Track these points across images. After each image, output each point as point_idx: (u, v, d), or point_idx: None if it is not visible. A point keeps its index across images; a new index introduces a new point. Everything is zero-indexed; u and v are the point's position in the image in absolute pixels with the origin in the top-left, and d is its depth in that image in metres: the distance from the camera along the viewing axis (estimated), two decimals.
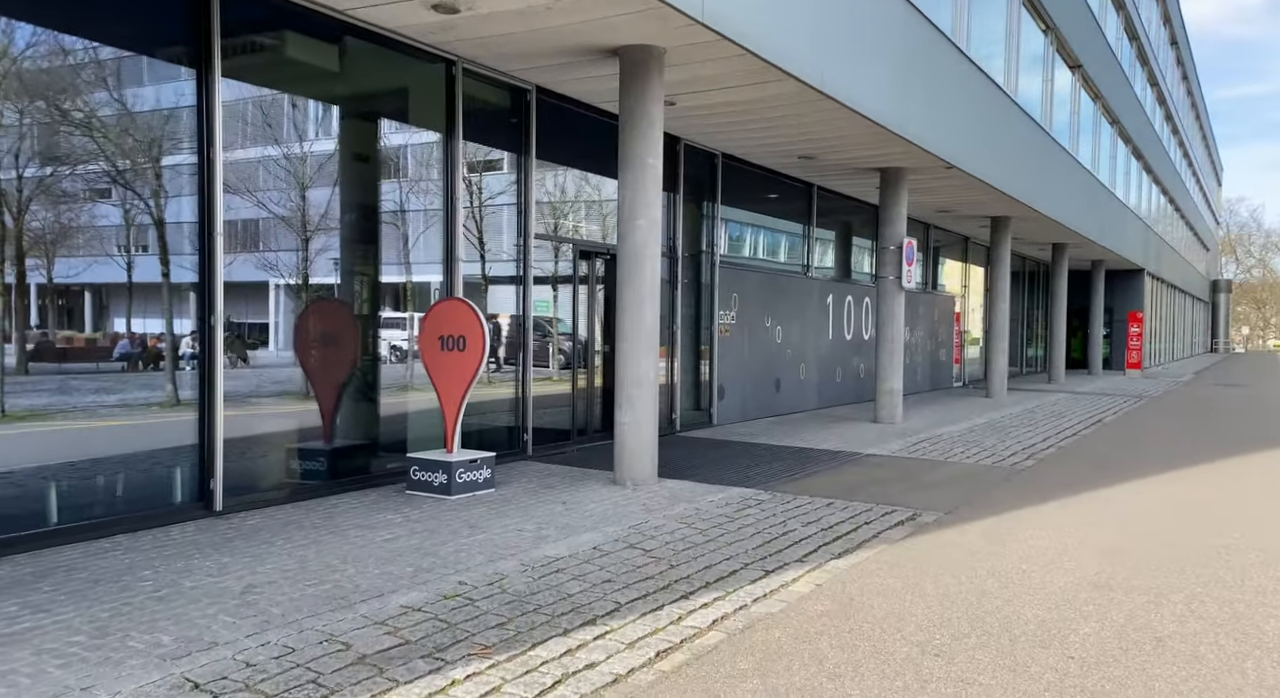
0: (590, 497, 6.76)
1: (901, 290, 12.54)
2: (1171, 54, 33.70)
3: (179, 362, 5.90)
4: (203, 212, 5.83)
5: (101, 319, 5.72)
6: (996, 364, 17.66)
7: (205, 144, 5.81)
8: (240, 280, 6.37)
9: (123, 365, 5.78)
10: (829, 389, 14.74)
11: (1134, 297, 29.32)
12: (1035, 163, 16.33)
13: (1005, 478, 8.16)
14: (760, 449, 9.69)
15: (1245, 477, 8.48)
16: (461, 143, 7.63)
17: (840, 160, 11.85)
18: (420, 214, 7.65)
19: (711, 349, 11.56)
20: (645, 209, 7.20)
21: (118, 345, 5.78)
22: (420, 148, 7.72)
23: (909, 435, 11.05)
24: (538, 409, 8.84)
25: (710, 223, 11.56)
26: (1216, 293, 55.91)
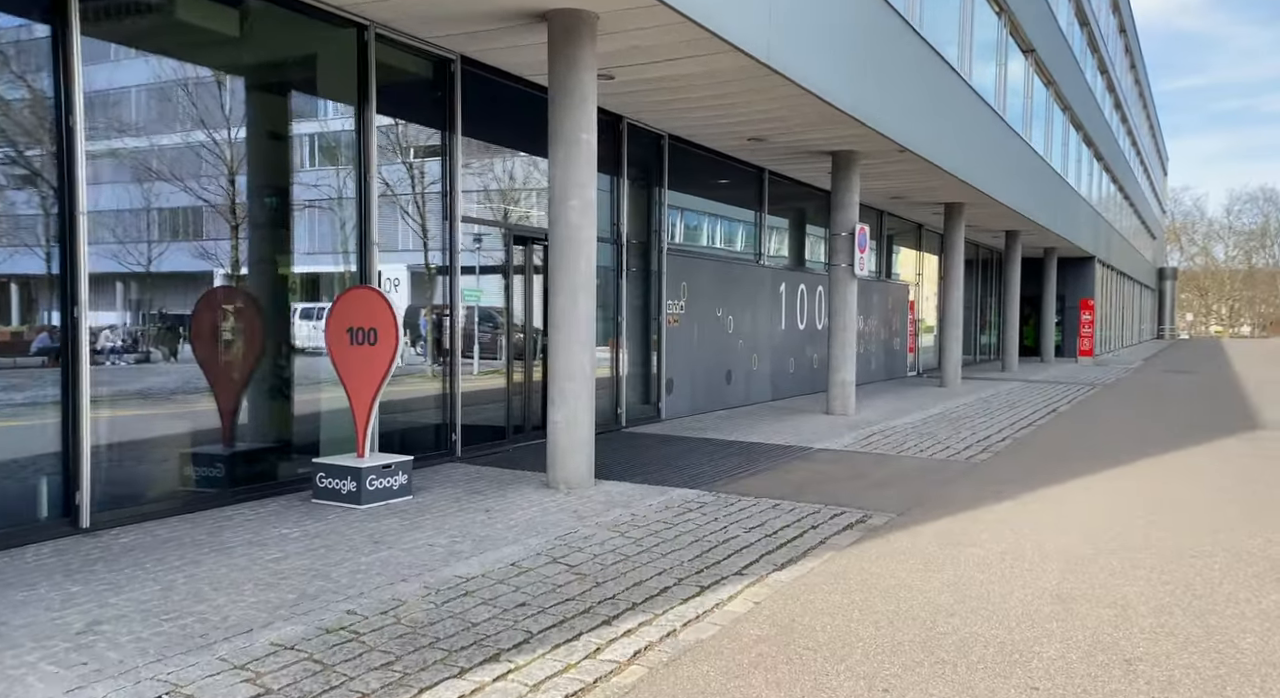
0: (518, 503, 6.22)
1: (854, 278, 12.17)
2: (1120, 43, 33.98)
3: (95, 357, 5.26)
4: (63, 192, 5.13)
5: (29, 312, 5.13)
6: (951, 353, 17.47)
7: (63, 113, 5.11)
8: (179, 270, 5.76)
9: (43, 361, 5.17)
10: (782, 380, 14.36)
11: (1085, 284, 29.54)
12: (989, 148, 16.10)
13: (960, 474, 7.80)
14: (708, 445, 9.23)
15: (1201, 469, 8.24)
16: (374, 116, 6.98)
17: (791, 143, 11.41)
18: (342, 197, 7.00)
19: (660, 340, 11.06)
20: (579, 189, 6.65)
21: (37, 339, 5.29)
22: (331, 122, 7.05)
23: (862, 428, 10.69)
24: (474, 406, 8.26)
25: (657, 208, 11.03)
26: (1163, 280, 57.05)
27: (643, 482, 7.11)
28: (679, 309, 11.42)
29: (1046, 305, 26.74)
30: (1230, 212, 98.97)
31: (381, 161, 7.31)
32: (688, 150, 11.47)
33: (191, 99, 6.09)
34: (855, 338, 12.31)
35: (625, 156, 10.18)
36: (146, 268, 5.87)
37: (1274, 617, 4.12)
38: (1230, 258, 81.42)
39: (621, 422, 10.34)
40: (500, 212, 8.76)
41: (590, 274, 6.73)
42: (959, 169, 14.00)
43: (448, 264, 7.86)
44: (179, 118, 6.03)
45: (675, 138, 11.09)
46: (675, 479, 7.26)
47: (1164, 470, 8.07)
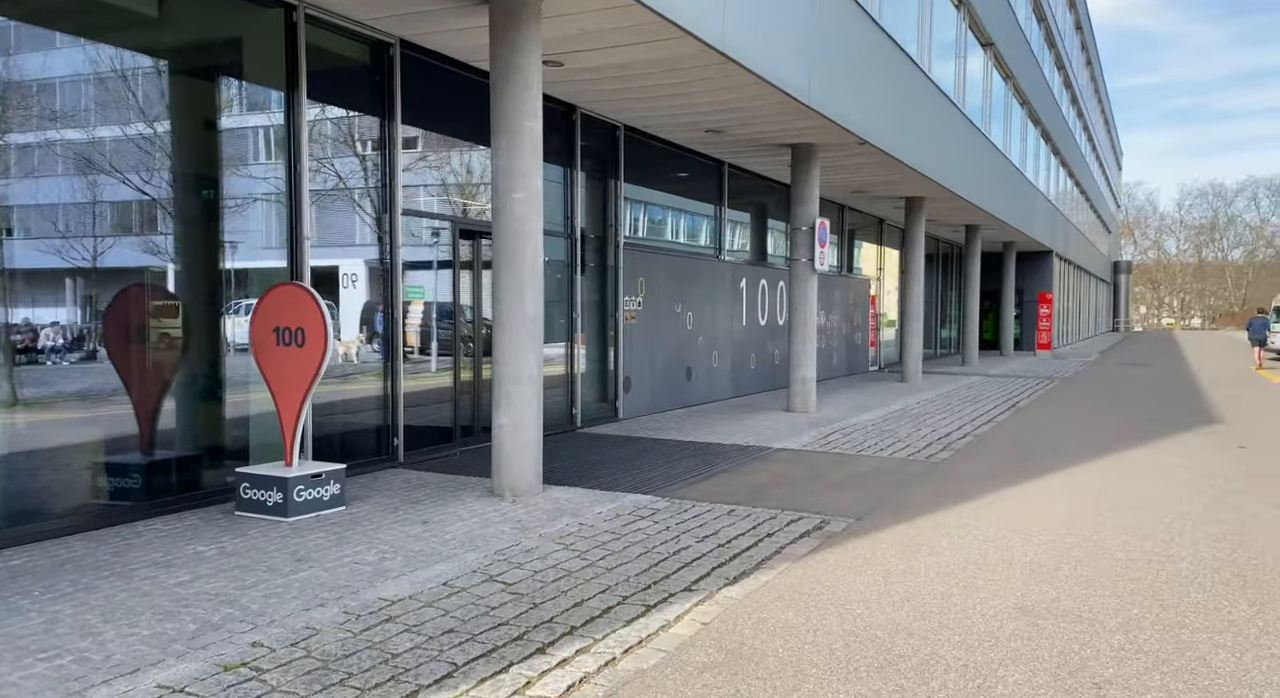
0: (458, 513, 5.87)
1: (814, 273, 11.96)
2: (1076, 39, 34.33)
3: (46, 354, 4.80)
4: None
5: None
6: (912, 347, 17.40)
7: None
8: (95, 266, 5.29)
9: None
10: (743, 377, 14.14)
11: (1043, 278, 29.82)
12: (950, 142, 16.01)
13: (920, 474, 7.61)
14: (665, 446, 8.95)
15: (1162, 465, 8.15)
16: (306, 102, 6.56)
17: (750, 135, 11.14)
18: (273, 189, 6.56)
19: (616, 337, 10.74)
20: (523, 180, 6.29)
21: None
22: (258, 109, 6.61)
23: (822, 426, 10.49)
24: (420, 407, 7.88)
25: (613, 201, 10.70)
26: (1117, 274, 58.10)
27: (594, 487, 6.80)
28: (636, 305, 11.12)
29: (1006, 299, 26.91)
30: (1181, 206, 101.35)
31: (319, 152, 6.89)
32: (645, 142, 11.15)
33: (106, 86, 5.63)
34: (816, 334, 12.11)
35: (579, 148, 9.83)
36: (62, 264, 5.41)
37: (1245, 631, 3.94)
38: (1181, 252, 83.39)
39: (577, 422, 10.01)
40: (446, 205, 8.36)
41: (537, 269, 6.39)
42: (919, 163, 13.87)
43: (389, 259, 7.46)
44: (92, 106, 5.57)
45: (631, 129, 10.76)
46: (628, 484, 6.96)
47: (1125, 467, 7.96)
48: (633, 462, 8.00)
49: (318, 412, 6.86)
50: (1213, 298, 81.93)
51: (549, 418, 9.53)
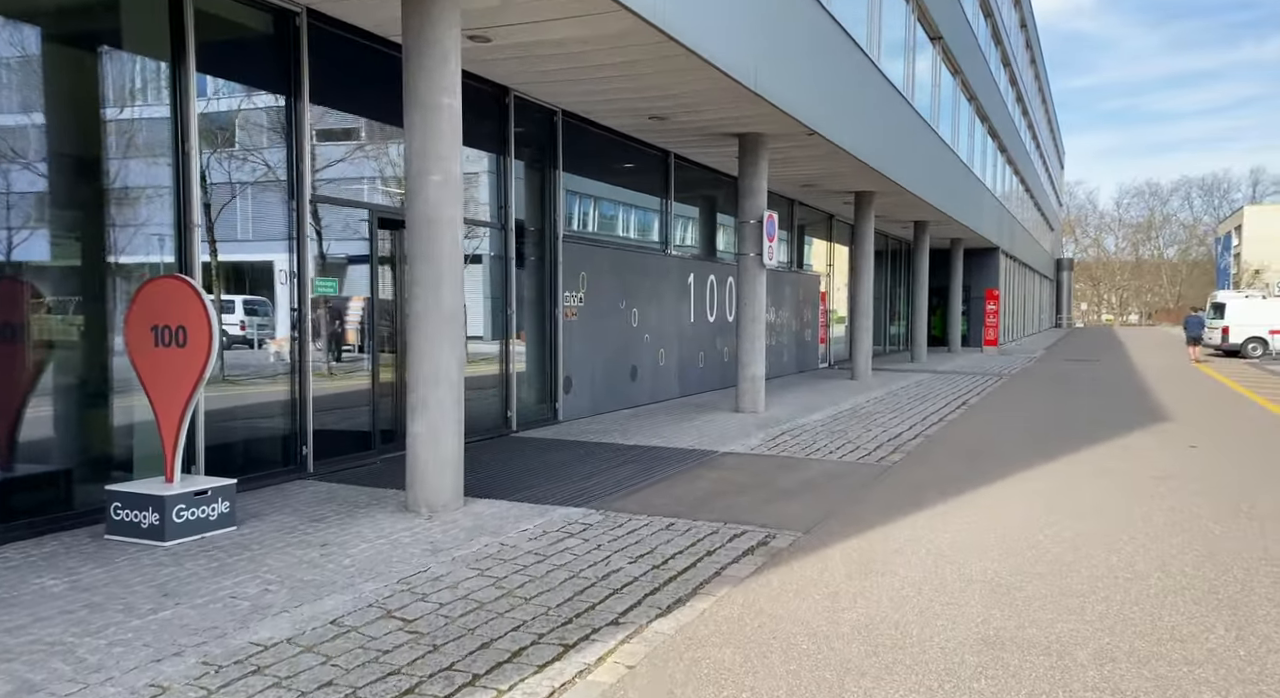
0: (365, 533, 5.26)
1: (763, 268, 11.55)
2: (1021, 38, 34.68)
3: None
4: None
5: None
6: (861, 344, 17.16)
7: None
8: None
9: None
10: (691, 376, 13.68)
11: (990, 274, 30.02)
12: (899, 136, 15.77)
13: (872, 479, 7.21)
14: (606, 451, 8.42)
15: (1116, 468, 7.89)
16: (194, 76, 5.86)
17: (695, 123, 10.66)
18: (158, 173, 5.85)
19: (556, 335, 10.18)
20: (440, 162, 5.70)
21: None
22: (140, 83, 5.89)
23: (771, 427, 10.07)
24: (334, 411, 7.23)
25: (552, 191, 10.13)
26: (1060, 271, 59.27)
27: (522, 499, 6.24)
28: (577, 301, 10.57)
29: (953, 296, 26.99)
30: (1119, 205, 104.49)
31: (212, 132, 6.19)
32: (585, 129, 10.59)
33: None
34: (764, 331, 11.70)
35: (513, 133, 9.23)
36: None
37: (1227, 661, 3.56)
38: (1120, 249, 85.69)
39: (512, 426, 9.42)
40: (364, 192, 7.70)
41: (455, 261, 5.80)
42: (869, 155, 13.56)
43: (297, 251, 6.79)
44: None
45: (570, 114, 10.19)
46: (560, 495, 6.42)
47: (1080, 470, 7.68)
48: (569, 469, 7.46)
49: (214, 418, 6.18)
50: (1149, 295, 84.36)
51: (481, 422, 8.95)
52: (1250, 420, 11.33)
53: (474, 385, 8.95)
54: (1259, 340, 24.40)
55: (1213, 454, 8.56)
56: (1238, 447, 9.07)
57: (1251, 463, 8.09)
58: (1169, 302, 79.27)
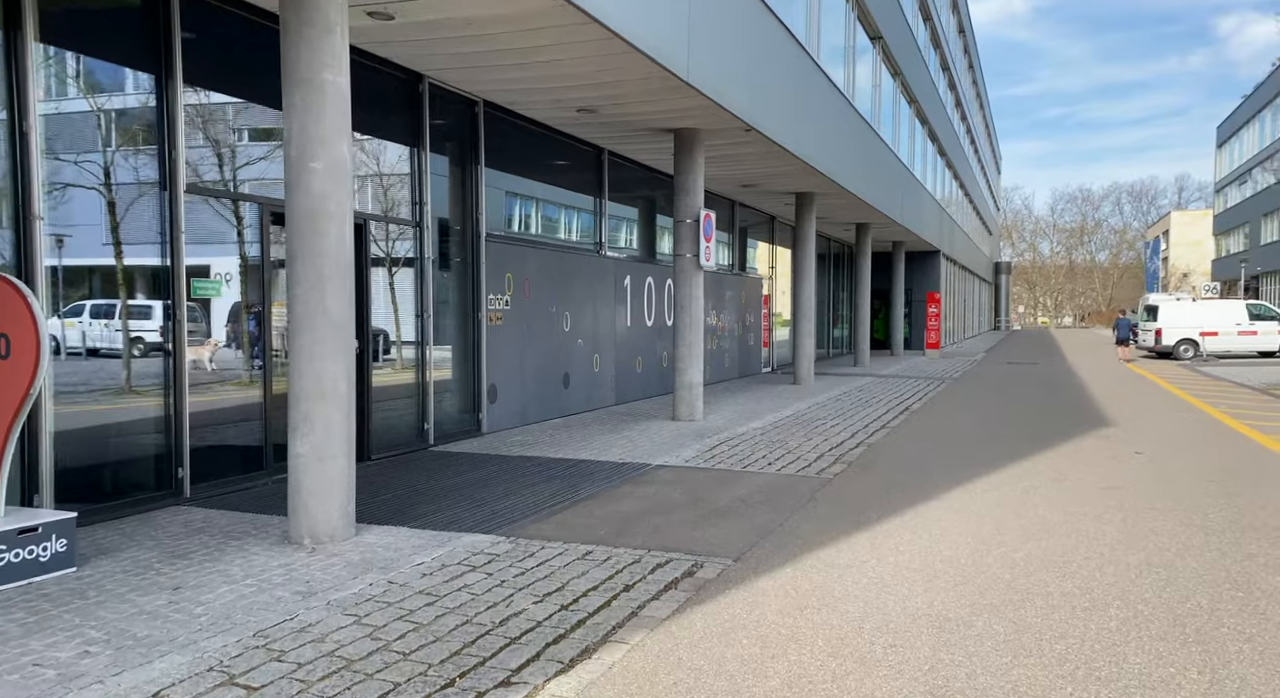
0: (232, 572, 4.56)
1: (700, 270, 11.06)
2: (960, 43, 35.07)
3: None
4: None
5: None
6: (804, 348, 16.82)
7: None
8: None
9: None
10: (629, 382, 13.12)
11: (931, 278, 30.17)
12: (840, 136, 15.48)
13: (810, 495, 6.73)
14: (530, 466, 7.80)
15: (1064, 477, 7.56)
16: (32, 44, 5.09)
17: (626, 116, 10.11)
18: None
19: (480, 341, 9.51)
20: (323, 147, 5.03)
21: None
22: None
23: (708, 436, 9.56)
24: (222, 426, 6.47)
25: (474, 188, 9.47)
26: (998, 274, 60.42)
27: (425, 525, 5.59)
28: (503, 305, 9.92)
29: (895, 299, 27.00)
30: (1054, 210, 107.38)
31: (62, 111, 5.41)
32: (510, 121, 9.96)
33: None
34: (703, 335, 11.21)
35: (428, 124, 8.56)
36: None
37: None
38: (1055, 254, 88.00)
39: (429, 439, 8.72)
40: (252, 184, 6.96)
41: (344, 259, 5.14)
42: (810, 154, 13.20)
43: (169, 247, 6.02)
44: None
45: (493, 105, 9.55)
46: (470, 519, 5.78)
47: (1026, 482, 7.32)
48: (485, 487, 6.82)
49: (71, 438, 5.39)
50: (1083, 297, 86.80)
51: (393, 436, 8.25)
52: (1189, 423, 11.23)
53: (386, 396, 8.26)
54: (1190, 342, 24.88)
55: (1158, 461, 8.31)
56: (1180, 452, 8.86)
57: (1195, 469, 7.85)
58: (1101, 304, 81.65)
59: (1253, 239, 48.04)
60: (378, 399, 8.11)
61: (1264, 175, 46.59)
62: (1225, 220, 55.96)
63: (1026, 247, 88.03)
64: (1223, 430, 10.55)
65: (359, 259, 7.79)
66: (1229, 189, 55.33)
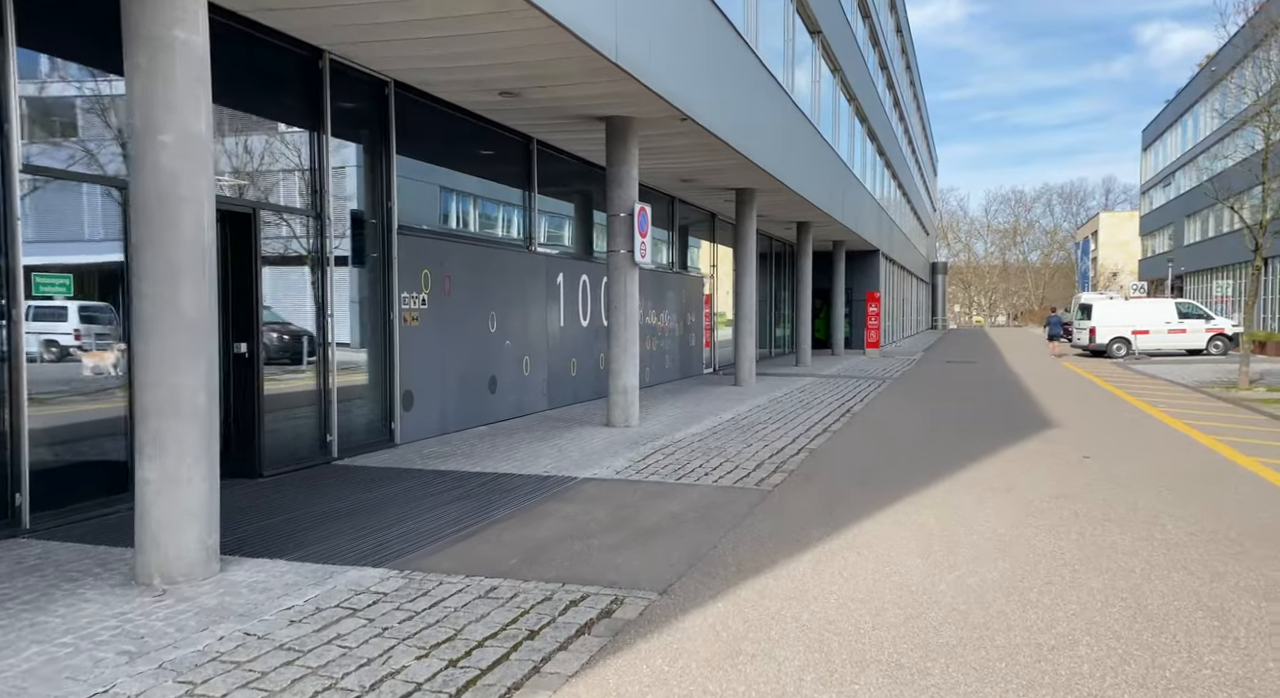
0: (48, 626, 3.77)
1: (635, 266, 10.45)
2: (898, 42, 35.24)
3: None
4: None
5: None
6: (745, 349, 16.37)
7: None
8: None
9: None
10: (562, 386, 12.44)
11: (871, 277, 30.15)
12: (780, 131, 15.05)
13: (748, 510, 6.17)
14: (443, 481, 7.08)
15: (1014, 484, 7.16)
16: None
17: (554, 101, 9.44)
18: None
19: (393, 344, 8.73)
20: (172, 116, 4.27)
21: None
22: None
23: (642, 444, 8.95)
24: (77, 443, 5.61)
25: (384, 177, 8.68)
26: (935, 274, 61.33)
27: (307, 557, 4.85)
28: (420, 304, 9.15)
29: (836, 298, 26.85)
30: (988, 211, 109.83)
31: None
32: (426, 106, 9.20)
33: None
34: (639, 336, 10.60)
35: (330, 105, 7.76)
36: None
37: None
38: (989, 254, 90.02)
39: (332, 452, 7.92)
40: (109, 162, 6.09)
41: (200, 248, 4.38)
42: (749, 149, 12.71)
43: (3, 237, 5.15)
44: None
45: (406, 87, 8.78)
46: (359, 549, 5.05)
47: (975, 491, 6.89)
48: (386, 508, 6.09)
49: None
50: (1016, 297, 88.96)
51: (288, 451, 7.44)
52: (1130, 424, 11.06)
53: (280, 405, 7.44)
54: (1123, 340, 25.26)
55: (1106, 465, 7.99)
56: (1126, 456, 8.58)
57: (1144, 475, 7.54)
58: (1034, 304, 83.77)
59: (1176, 240, 49.59)
60: (274, 408, 7.30)
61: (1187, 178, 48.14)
62: (1150, 222, 57.74)
63: (962, 247, 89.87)
64: (1164, 431, 10.37)
65: (248, 252, 6.99)
66: (1154, 191, 57.10)
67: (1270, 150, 15.15)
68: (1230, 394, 14.70)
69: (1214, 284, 43.22)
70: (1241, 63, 17.61)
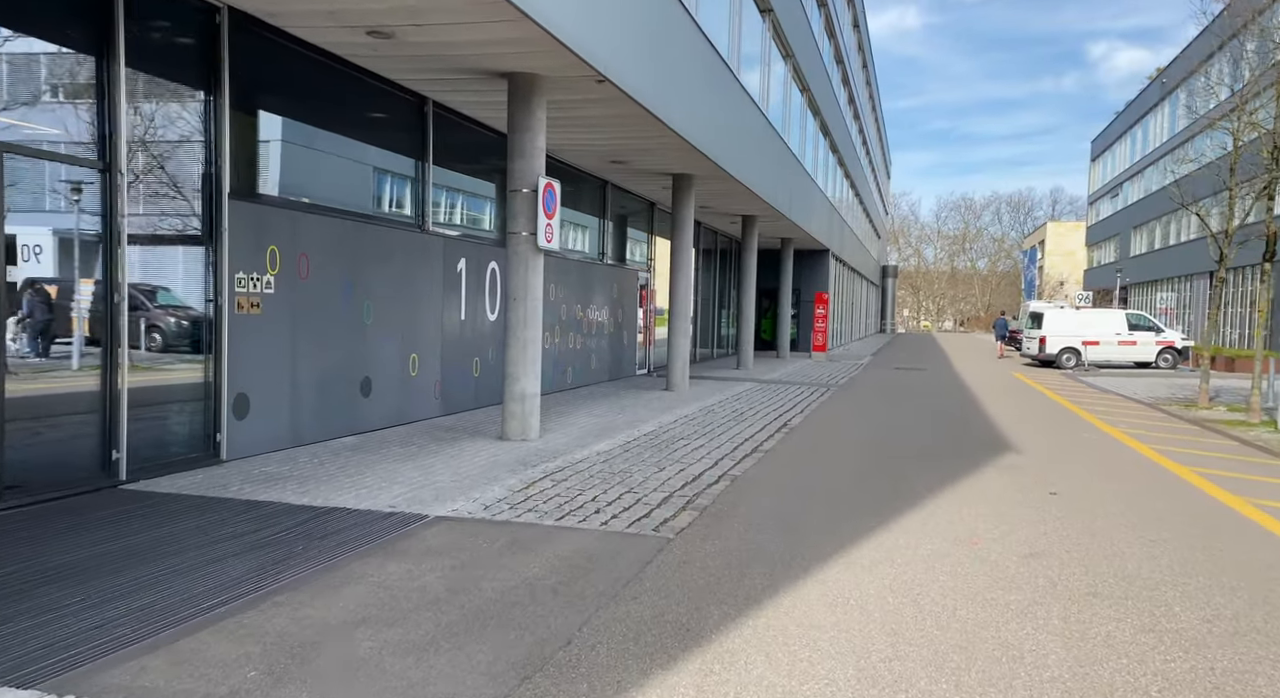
0: None
1: (539, 252, 8.87)
2: (854, 38, 34.16)
3: None
4: None
5: None
6: (678, 350, 14.90)
7: None
8: None
9: None
10: (461, 389, 10.81)
11: (820, 278, 29.02)
12: (723, 113, 13.58)
13: (633, 574, 4.65)
14: (250, 518, 5.44)
15: (976, 531, 5.79)
16: None
17: (439, 47, 7.81)
18: None
19: (219, 336, 7.02)
20: None
21: None
22: None
23: (532, 465, 7.39)
24: None
25: (213, 126, 6.95)
26: (885, 278, 60.85)
27: None
28: (264, 288, 7.44)
29: (783, 298, 25.59)
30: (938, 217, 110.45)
31: None
32: (280, 45, 7.49)
33: None
34: (540, 334, 9.02)
35: (122, 25, 6.01)
36: None
37: None
38: (938, 259, 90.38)
39: (119, 474, 6.17)
40: None
41: None
42: (684, 127, 11.22)
43: None
44: None
45: (247, 18, 7.05)
46: (35, 643, 3.40)
47: (929, 544, 5.49)
48: (144, 563, 4.44)
49: None
50: (963, 303, 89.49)
51: (55, 472, 5.70)
52: (1093, 448, 9.86)
53: (39, 411, 5.70)
54: (1073, 351, 24.48)
55: (1077, 506, 6.69)
56: (1098, 492, 7.31)
57: (1124, 520, 6.24)
58: (980, 310, 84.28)
59: (1122, 251, 49.71)
60: (25, 415, 5.56)
61: (1135, 189, 48.23)
62: (1097, 232, 58.03)
63: (912, 251, 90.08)
64: (1133, 459, 9.17)
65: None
66: (1101, 202, 57.38)
67: (1239, 154, 14.20)
68: (1191, 414, 13.72)
69: (1157, 295, 43.28)
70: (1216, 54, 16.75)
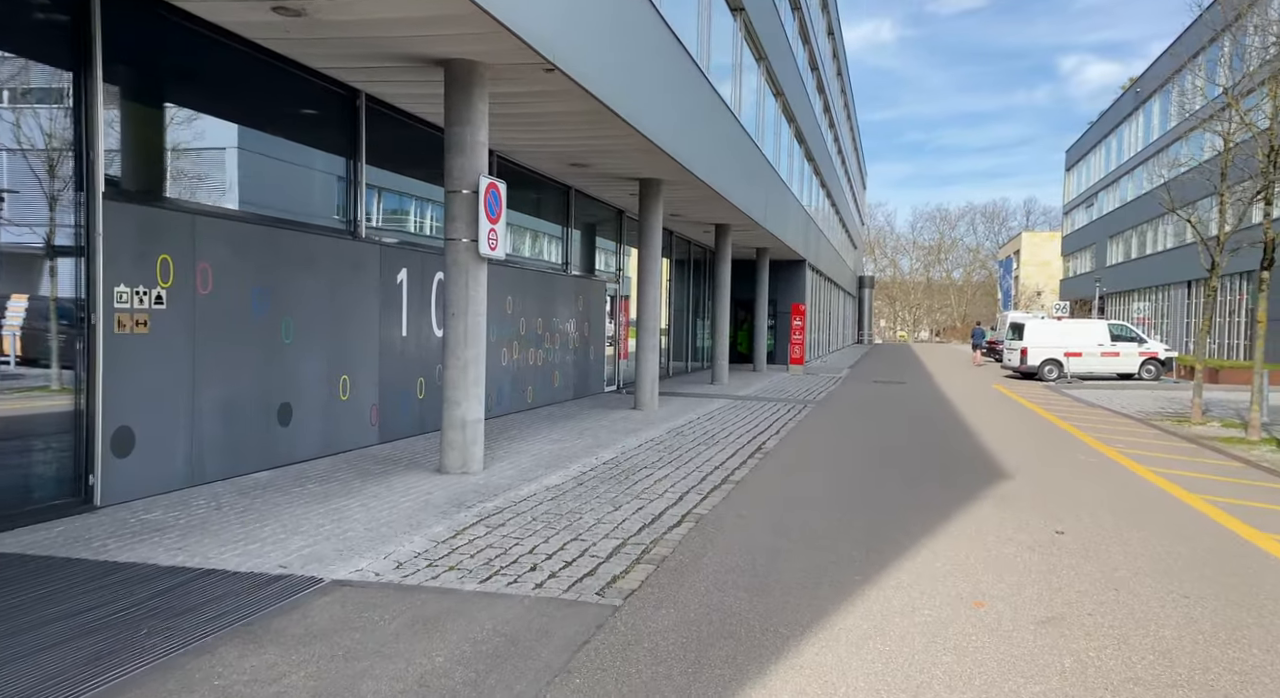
0: None
1: (482, 261, 7.91)
2: (829, 46, 33.60)
3: None
4: None
5: None
6: (646, 366, 13.95)
7: None
8: None
9: None
10: (401, 414, 9.78)
11: (796, 289, 28.26)
12: (692, 114, 12.71)
13: (561, 664, 3.67)
14: (102, 586, 4.41)
15: (980, 587, 4.89)
16: None
17: (362, 28, 6.84)
18: None
19: (93, 359, 5.97)
20: None
21: None
22: None
23: (468, 507, 6.40)
24: None
25: (83, 112, 5.93)
26: (862, 288, 60.39)
27: None
28: (152, 303, 6.41)
29: (760, 309, 24.76)
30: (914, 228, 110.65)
31: None
32: (179, 26, 6.49)
33: None
34: (483, 353, 8.04)
35: None
36: None
37: None
38: (914, 270, 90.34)
39: None
40: None
41: None
42: (647, 126, 10.32)
43: None
44: None
45: None
46: None
47: (927, 609, 4.57)
48: None
49: None
50: (939, 313, 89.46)
51: None
52: (1091, 470, 9.03)
53: None
54: (1055, 363, 23.84)
55: (1091, 550, 5.81)
56: (1108, 529, 6.45)
57: (1148, 567, 5.38)
58: (956, 320, 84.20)
59: (1098, 261, 49.53)
60: None
61: (1110, 199, 48.11)
62: (1072, 242, 57.95)
63: (888, 262, 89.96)
64: (1137, 485, 8.34)
65: None
66: (1076, 212, 57.33)
67: (1230, 156, 13.55)
68: (1185, 430, 12.99)
69: (1134, 305, 43.02)
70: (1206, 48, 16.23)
